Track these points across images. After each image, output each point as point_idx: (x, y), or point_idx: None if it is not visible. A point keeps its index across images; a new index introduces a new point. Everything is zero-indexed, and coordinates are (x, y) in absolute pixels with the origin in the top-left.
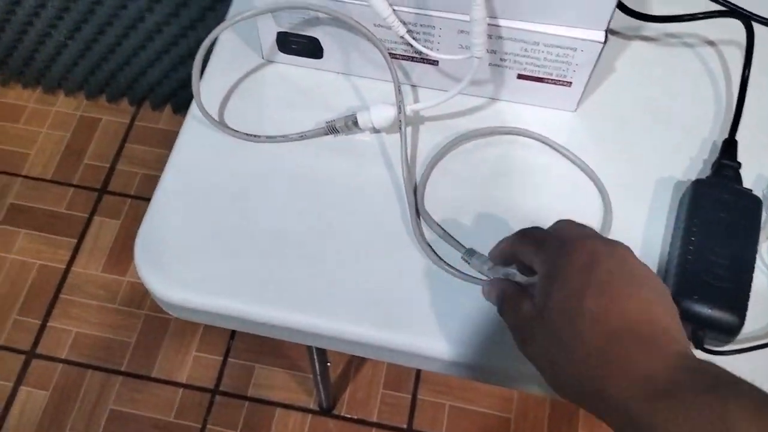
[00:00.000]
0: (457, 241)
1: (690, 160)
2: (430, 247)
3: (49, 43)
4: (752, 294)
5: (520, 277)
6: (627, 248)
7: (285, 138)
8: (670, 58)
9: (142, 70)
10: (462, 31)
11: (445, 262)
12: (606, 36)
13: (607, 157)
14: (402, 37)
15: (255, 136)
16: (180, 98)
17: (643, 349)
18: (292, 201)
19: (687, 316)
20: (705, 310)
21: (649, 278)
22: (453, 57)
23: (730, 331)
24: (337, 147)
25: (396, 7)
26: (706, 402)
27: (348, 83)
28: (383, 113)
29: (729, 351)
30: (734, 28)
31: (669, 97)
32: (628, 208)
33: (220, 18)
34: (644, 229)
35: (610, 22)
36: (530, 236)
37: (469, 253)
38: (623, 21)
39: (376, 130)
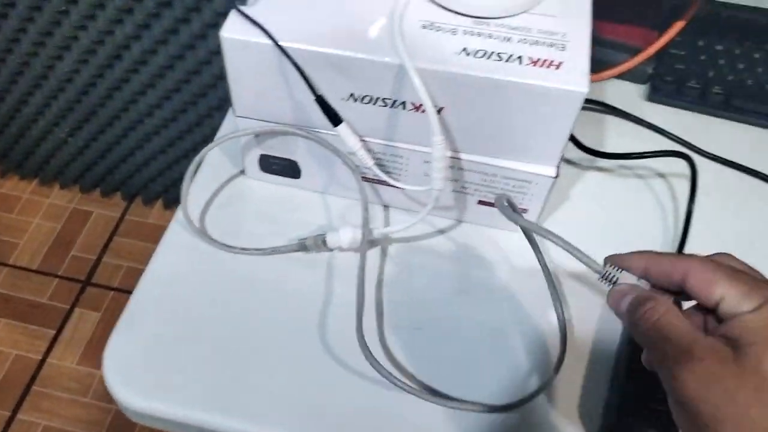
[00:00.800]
0: (400, 373)
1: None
2: (379, 365)
3: (51, 139)
4: None
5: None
6: None
7: (259, 251)
8: (622, 189)
9: (138, 167)
10: (427, 161)
11: (395, 380)
12: (557, 171)
13: (556, 273)
14: (371, 167)
15: (231, 246)
16: (171, 194)
17: None
18: (259, 312)
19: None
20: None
21: None
22: (415, 188)
23: None
24: (307, 263)
25: (368, 138)
26: None
27: (323, 202)
28: (350, 235)
29: None
30: (683, 162)
31: (619, 225)
32: (580, 325)
33: (216, 124)
34: (590, 348)
35: (560, 159)
36: (740, 275)
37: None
38: (580, 153)
39: (344, 249)
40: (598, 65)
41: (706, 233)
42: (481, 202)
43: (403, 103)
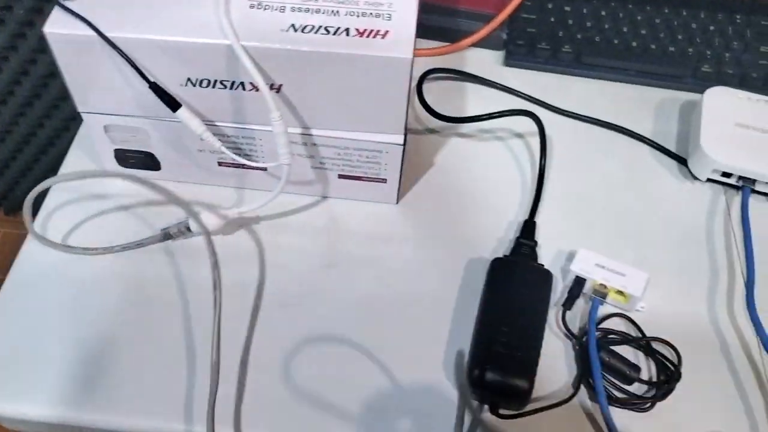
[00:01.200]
0: None
1: (497, 241)
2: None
3: None
4: (547, 358)
5: None
6: None
7: (123, 247)
8: (484, 151)
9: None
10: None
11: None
12: (404, 138)
13: (424, 243)
14: (220, 150)
15: (92, 249)
16: (10, 201)
17: None
18: (123, 309)
19: (481, 385)
20: (496, 378)
21: None
22: (262, 165)
23: (521, 396)
24: (174, 251)
25: (219, 123)
26: None
27: (187, 190)
28: (212, 219)
29: (520, 414)
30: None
31: (481, 186)
32: (444, 288)
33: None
34: (455, 303)
35: (406, 128)
36: None
37: None
38: (443, 123)
39: (209, 233)
40: (455, 35)
41: (563, 186)
42: (341, 176)
43: (242, 83)
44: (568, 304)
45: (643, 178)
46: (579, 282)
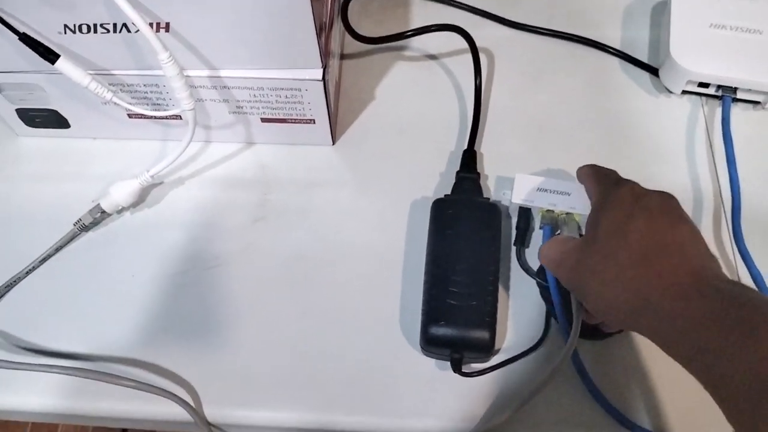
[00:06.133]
0: None
1: (440, 176)
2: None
3: None
4: (511, 302)
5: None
6: (674, 198)
7: (41, 260)
8: (427, 78)
9: None
10: (192, 86)
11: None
12: (323, 73)
13: (364, 187)
14: (112, 101)
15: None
16: None
17: (686, 264)
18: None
19: (439, 342)
20: (453, 333)
21: (690, 222)
22: (168, 113)
23: (483, 348)
24: (98, 240)
25: (116, 71)
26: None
27: (105, 147)
28: (125, 190)
29: (487, 369)
30: (487, 38)
31: (423, 117)
32: (389, 236)
33: None
34: (404, 252)
35: (324, 60)
36: (595, 172)
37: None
38: (382, 50)
39: (129, 207)
40: None
41: (518, 108)
42: (265, 120)
43: (125, 25)
44: (519, 240)
45: (611, 95)
46: (524, 213)
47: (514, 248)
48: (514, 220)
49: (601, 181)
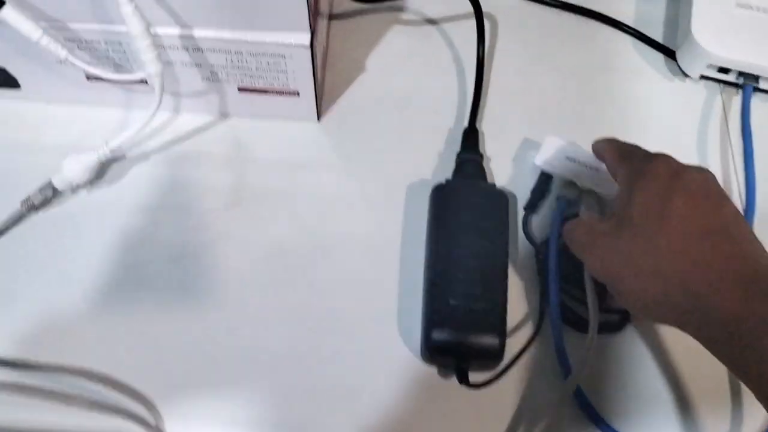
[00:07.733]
0: None
1: (438, 157)
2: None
3: None
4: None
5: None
6: (713, 174)
7: None
8: (423, 47)
9: None
10: (160, 46)
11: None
12: (311, 38)
13: (354, 167)
14: (66, 59)
15: None
16: None
17: (734, 251)
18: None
19: (443, 350)
20: (459, 339)
21: (731, 202)
22: (131, 77)
23: (492, 355)
24: (48, 223)
25: (73, 25)
26: None
27: (60, 112)
28: (81, 165)
29: (493, 378)
30: (492, 5)
31: (420, 91)
32: (383, 225)
33: None
34: (401, 243)
35: (312, 23)
36: (619, 146)
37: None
38: (376, 11)
39: (85, 184)
40: None
41: (523, 85)
42: (242, 90)
43: None
44: (530, 205)
45: (622, 76)
46: (544, 178)
47: (522, 213)
48: (532, 184)
49: (627, 156)
